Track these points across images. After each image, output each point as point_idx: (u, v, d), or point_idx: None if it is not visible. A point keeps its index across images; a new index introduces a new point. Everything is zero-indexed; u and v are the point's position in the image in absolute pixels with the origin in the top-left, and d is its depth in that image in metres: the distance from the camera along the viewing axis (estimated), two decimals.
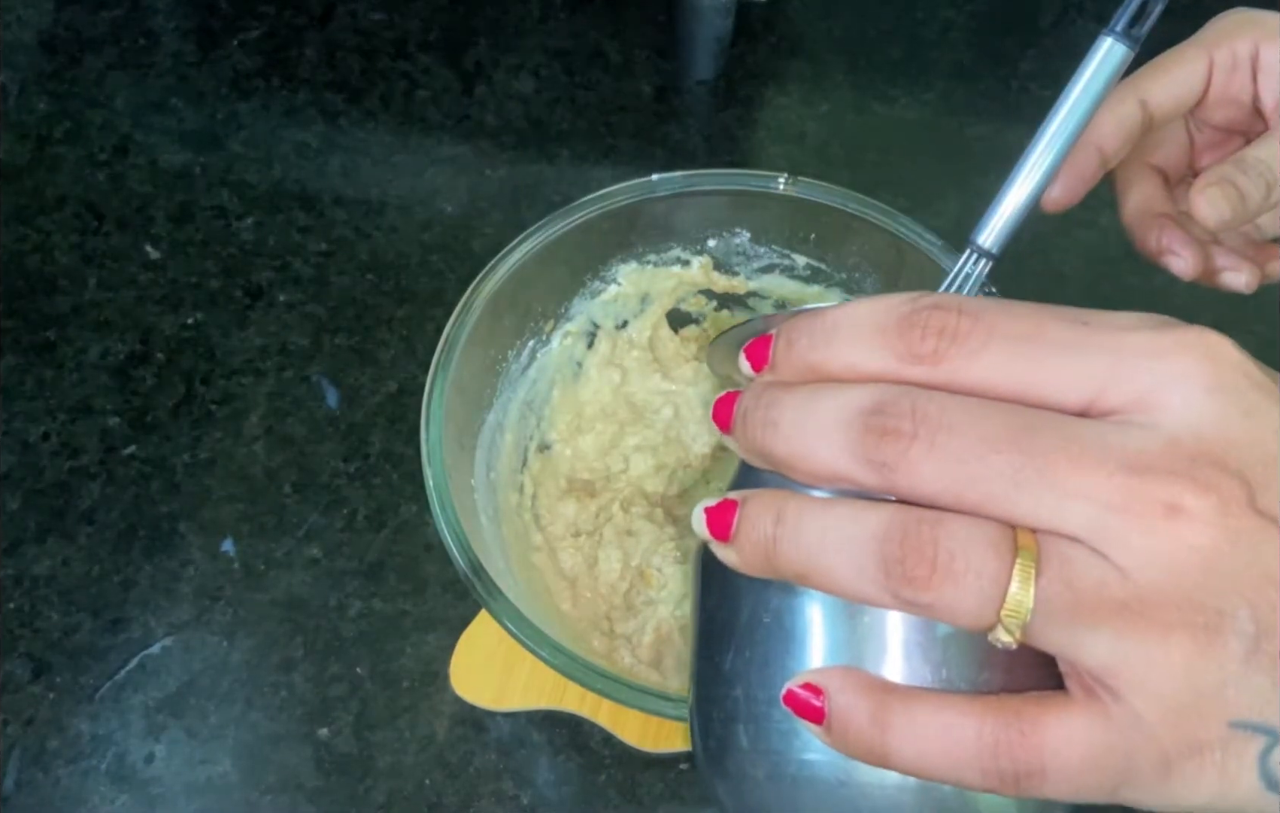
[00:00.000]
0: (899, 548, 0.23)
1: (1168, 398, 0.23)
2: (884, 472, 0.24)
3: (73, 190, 0.69)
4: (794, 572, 0.25)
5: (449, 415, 0.45)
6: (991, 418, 0.23)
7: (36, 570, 0.54)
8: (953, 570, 0.23)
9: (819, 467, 0.25)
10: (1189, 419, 0.23)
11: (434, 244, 0.67)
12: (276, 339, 0.63)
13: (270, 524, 0.56)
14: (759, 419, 0.26)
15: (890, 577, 0.23)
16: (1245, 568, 0.22)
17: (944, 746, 0.24)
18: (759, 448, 0.26)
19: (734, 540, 0.26)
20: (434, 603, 0.54)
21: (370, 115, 0.73)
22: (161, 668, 0.52)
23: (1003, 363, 0.24)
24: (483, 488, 0.48)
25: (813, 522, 0.25)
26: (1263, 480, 0.23)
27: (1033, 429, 0.23)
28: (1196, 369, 0.24)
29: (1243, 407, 0.24)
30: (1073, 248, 0.67)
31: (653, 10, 0.78)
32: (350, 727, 0.50)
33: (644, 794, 0.49)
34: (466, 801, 0.49)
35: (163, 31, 0.77)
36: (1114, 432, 0.23)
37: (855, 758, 0.25)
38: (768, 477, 0.27)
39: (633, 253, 0.54)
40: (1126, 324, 0.24)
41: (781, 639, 0.27)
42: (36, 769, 0.49)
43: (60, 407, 0.60)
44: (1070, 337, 0.24)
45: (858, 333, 0.25)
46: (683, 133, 0.73)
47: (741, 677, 0.27)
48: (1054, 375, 0.24)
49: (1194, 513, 0.22)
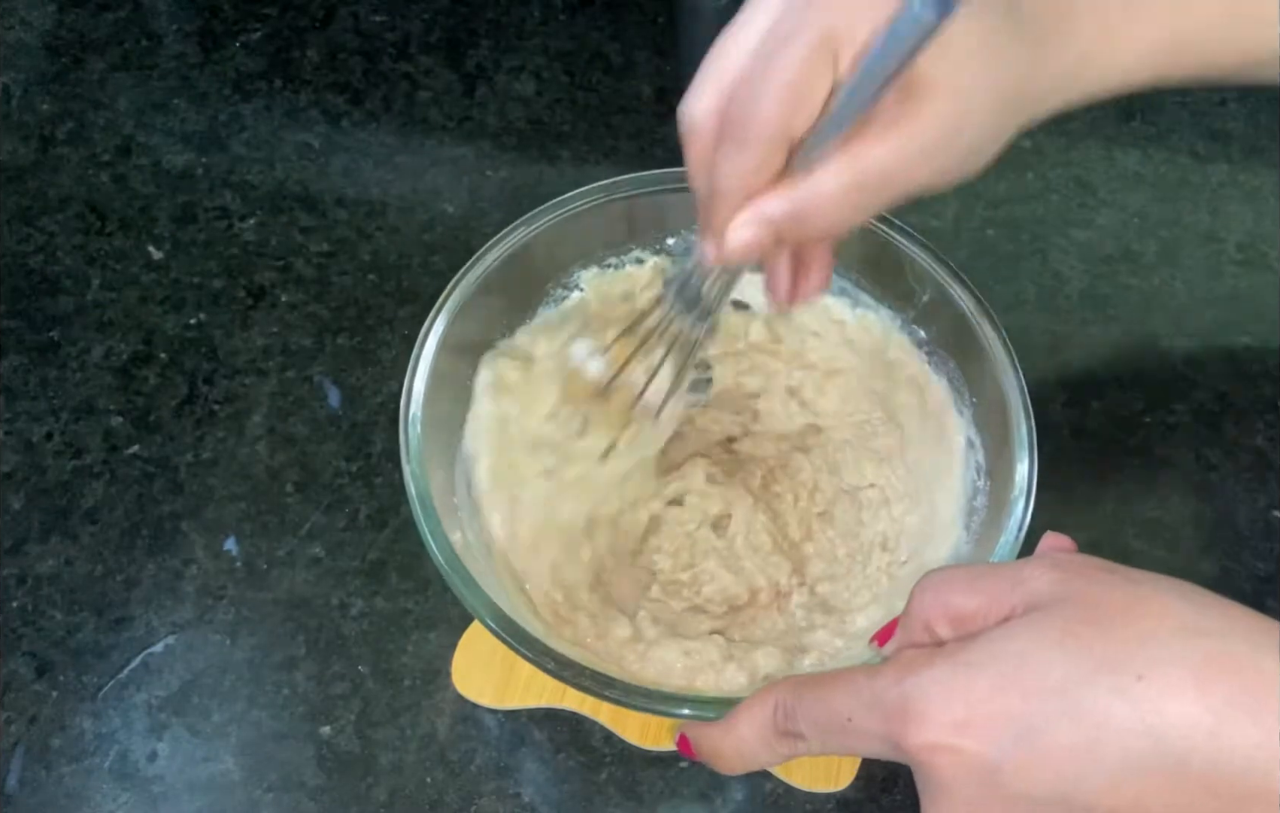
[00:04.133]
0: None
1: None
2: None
3: (76, 191, 0.69)
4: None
5: (426, 434, 0.46)
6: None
7: (40, 570, 0.55)
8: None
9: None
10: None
11: (435, 244, 0.67)
12: (279, 339, 0.63)
13: (272, 523, 0.56)
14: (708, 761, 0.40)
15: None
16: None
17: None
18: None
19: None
20: (435, 602, 0.54)
21: (372, 116, 0.73)
22: (164, 667, 0.52)
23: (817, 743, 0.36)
24: (465, 507, 0.49)
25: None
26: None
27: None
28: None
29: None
30: (1071, 248, 0.67)
31: (653, 11, 0.79)
32: (352, 725, 0.51)
33: (645, 792, 0.49)
34: (468, 799, 0.49)
35: (165, 33, 0.77)
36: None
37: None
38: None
39: (593, 258, 0.54)
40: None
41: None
42: (40, 768, 0.49)
43: (63, 406, 0.60)
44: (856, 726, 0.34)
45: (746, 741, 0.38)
46: None
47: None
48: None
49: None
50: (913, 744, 0.31)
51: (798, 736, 0.36)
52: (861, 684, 0.33)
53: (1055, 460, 0.46)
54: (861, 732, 0.33)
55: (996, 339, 0.48)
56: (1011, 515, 0.44)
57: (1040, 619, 0.31)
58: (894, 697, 0.32)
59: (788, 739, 0.36)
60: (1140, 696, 0.29)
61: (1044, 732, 0.30)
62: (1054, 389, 0.62)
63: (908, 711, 0.31)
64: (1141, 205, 0.69)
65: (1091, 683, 0.30)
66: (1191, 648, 0.29)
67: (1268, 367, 0.63)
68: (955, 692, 0.31)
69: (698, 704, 0.40)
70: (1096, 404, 0.61)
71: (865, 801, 0.49)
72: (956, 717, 0.31)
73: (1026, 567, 0.33)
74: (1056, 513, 0.45)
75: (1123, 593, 0.31)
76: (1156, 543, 0.57)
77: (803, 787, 0.49)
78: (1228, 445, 0.60)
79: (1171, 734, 0.29)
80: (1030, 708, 0.30)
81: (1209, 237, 0.68)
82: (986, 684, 0.31)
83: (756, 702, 0.37)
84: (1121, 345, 0.64)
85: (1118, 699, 0.29)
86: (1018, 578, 0.33)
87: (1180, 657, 0.29)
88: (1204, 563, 0.57)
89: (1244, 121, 0.73)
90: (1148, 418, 0.61)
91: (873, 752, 0.33)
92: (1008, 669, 0.30)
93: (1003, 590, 0.33)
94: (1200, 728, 0.28)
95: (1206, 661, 0.29)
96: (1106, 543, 0.57)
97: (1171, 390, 0.62)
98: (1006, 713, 0.30)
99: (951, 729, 0.31)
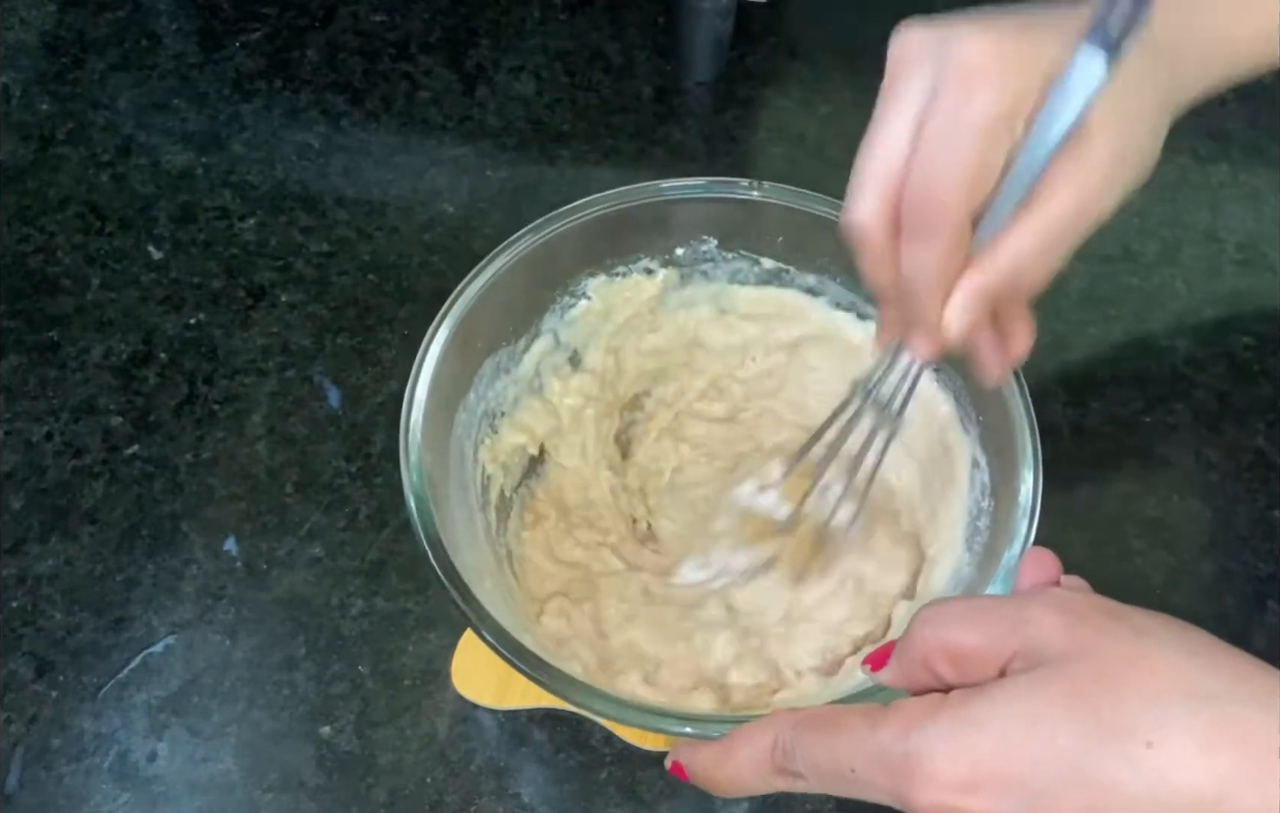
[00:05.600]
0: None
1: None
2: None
3: (75, 191, 0.69)
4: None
5: (426, 443, 0.46)
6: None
7: (39, 570, 0.55)
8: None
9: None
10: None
11: (435, 244, 0.67)
12: (278, 339, 0.63)
13: (272, 523, 0.56)
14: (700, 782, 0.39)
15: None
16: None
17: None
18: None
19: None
20: (435, 602, 0.54)
21: (372, 116, 0.73)
22: (164, 667, 0.52)
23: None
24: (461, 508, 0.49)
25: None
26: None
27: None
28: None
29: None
30: None
31: (653, 12, 0.79)
32: (352, 725, 0.51)
33: (644, 792, 0.49)
34: (468, 799, 0.49)
35: (165, 33, 0.77)
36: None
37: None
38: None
39: (601, 266, 0.54)
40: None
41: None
42: (39, 768, 0.49)
43: (63, 406, 0.60)
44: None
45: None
46: (682, 134, 0.73)
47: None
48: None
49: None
50: (918, 802, 0.31)
51: (796, 775, 0.35)
52: (865, 735, 0.33)
53: (1055, 461, 0.46)
54: (865, 783, 0.33)
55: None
56: (1016, 536, 0.43)
57: (1046, 678, 0.31)
58: (899, 752, 0.32)
59: (785, 777, 0.36)
60: (1149, 764, 0.29)
61: (1051, 797, 0.30)
62: (1054, 389, 0.62)
63: (913, 769, 0.31)
64: (1141, 205, 0.69)
65: (1099, 749, 0.29)
66: (1199, 714, 0.29)
67: (1268, 367, 0.63)
68: (962, 751, 0.31)
69: (696, 723, 0.40)
70: (1096, 404, 0.61)
71: (865, 800, 0.49)
72: (963, 777, 0.30)
73: (1028, 607, 0.33)
74: (1057, 515, 0.45)
75: (1130, 647, 0.31)
76: (1156, 543, 0.57)
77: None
78: (1228, 445, 0.60)
79: (1177, 803, 0.29)
80: (1037, 772, 0.30)
81: (1209, 236, 0.68)
82: (993, 745, 0.30)
83: (755, 731, 0.36)
84: (1121, 345, 0.64)
85: (1125, 767, 0.29)
86: (1019, 619, 0.32)
87: (1187, 724, 0.29)
88: (1204, 563, 0.57)
89: (1244, 121, 0.73)
90: (1148, 418, 0.61)
91: (874, 800, 0.33)
92: (1014, 730, 0.30)
93: (1003, 631, 0.32)
94: (1205, 799, 0.28)
95: (1212, 727, 0.29)
96: (1106, 543, 0.57)
97: (1171, 390, 0.62)
98: (1014, 777, 0.30)
99: (957, 790, 0.30)
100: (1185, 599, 0.55)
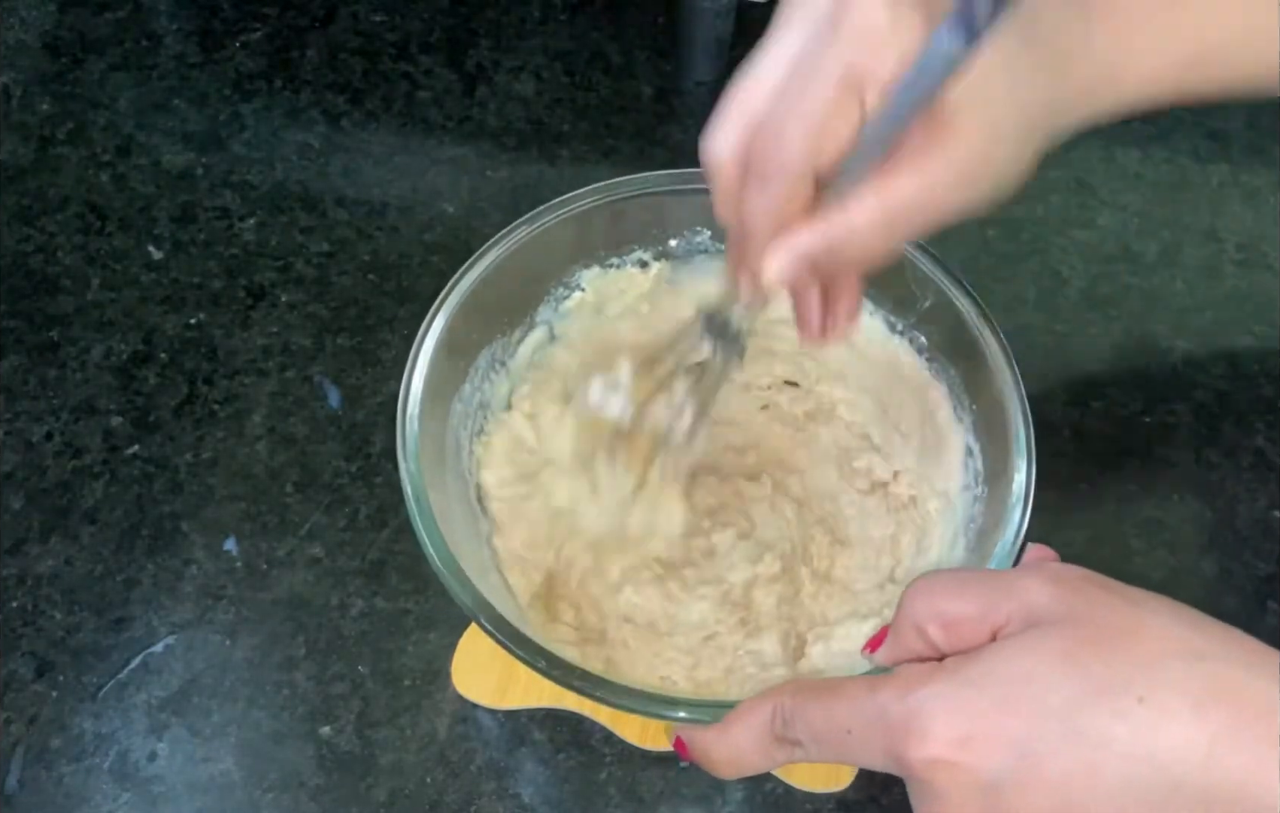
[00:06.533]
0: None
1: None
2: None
3: (75, 191, 0.69)
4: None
5: (424, 437, 0.46)
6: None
7: (39, 570, 0.55)
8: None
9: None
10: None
11: (435, 244, 0.67)
12: (279, 339, 0.63)
13: (272, 523, 0.56)
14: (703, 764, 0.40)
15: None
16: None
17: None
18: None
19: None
20: (435, 602, 0.54)
21: (372, 116, 0.73)
22: (164, 667, 0.52)
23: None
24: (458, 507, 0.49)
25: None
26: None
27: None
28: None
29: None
30: (1071, 248, 0.67)
31: (653, 12, 0.79)
32: (352, 725, 0.51)
33: (644, 792, 0.49)
34: (468, 799, 0.49)
35: (165, 33, 0.77)
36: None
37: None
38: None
39: (595, 257, 0.54)
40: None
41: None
42: (39, 768, 0.49)
43: (63, 406, 0.60)
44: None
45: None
46: (683, 134, 0.73)
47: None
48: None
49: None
50: (913, 758, 0.31)
51: (795, 743, 0.36)
52: (864, 698, 0.33)
53: (1055, 460, 0.46)
54: (861, 744, 0.33)
55: (997, 346, 0.48)
56: (1009, 524, 0.44)
57: (1042, 638, 0.31)
58: (897, 712, 0.32)
59: (785, 746, 0.36)
60: (1141, 720, 0.29)
61: (1045, 753, 0.30)
62: (1054, 389, 0.62)
63: (910, 726, 0.31)
64: (1141, 205, 0.69)
65: (1093, 706, 0.30)
66: (1192, 673, 0.30)
67: (1268, 367, 0.63)
68: (958, 708, 0.31)
69: (693, 707, 0.40)
70: (1096, 404, 0.61)
71: (865, 801, 0.49)
72: (959, 733, 0.31)
73: (1022, 577, 0.33)
74: (1056, 514, 0.45)
75: (1123, 615, 0.31)
76: (1156, 543, 0.57)
77: (803, 787, 0.49)
78: (1228, 445, 0.60)
79: (1168, 759, 0.29)
80: (1032, 729, 0.30)
81: (1209, 236, 0.68)
82: (989, 702, 0.31)
83: (755, 706, 0.37)
84: (1121, 345, 0.64)
85: (1119, 722, 0.29)
86: (1012, 588, 0.33)
87: (1180, 681, 0.30)
88: (1204, 563, 0.57)
89: (1244, 122, 0.73)
90: (1148, 418, 0.61)
91: (868, 763, 0.34)
92: (1010, 688, 0.31)
93: (996, 599, 0.33)
94: (1195, 754, 0.29)
95: (1205, 686, 0.29)
96: (1106, 543, 0.57)
97: (1171, 390, 0.62)
98: (1008, 732, 0.30)
99: (953, 745, 0.31)
100: (1185, 599, 0.54)
